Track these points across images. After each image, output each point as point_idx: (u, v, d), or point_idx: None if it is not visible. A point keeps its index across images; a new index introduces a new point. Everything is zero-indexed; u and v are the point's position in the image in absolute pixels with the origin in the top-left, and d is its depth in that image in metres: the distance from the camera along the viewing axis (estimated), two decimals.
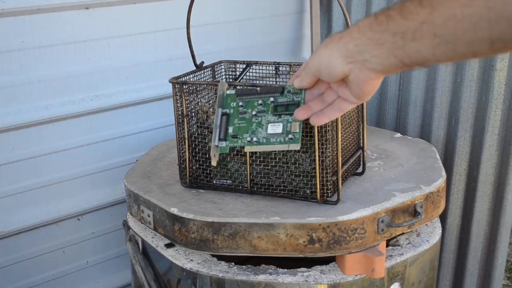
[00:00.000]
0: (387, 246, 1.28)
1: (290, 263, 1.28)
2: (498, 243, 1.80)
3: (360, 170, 1.37)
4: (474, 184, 1.78)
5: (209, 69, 1.42)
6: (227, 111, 1.02)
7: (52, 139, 1.60)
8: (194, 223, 1.19)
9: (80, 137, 1.65)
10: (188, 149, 1.29)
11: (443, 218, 1.80)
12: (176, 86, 1.27)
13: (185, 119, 1.27)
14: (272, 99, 1.00)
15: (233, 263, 1.24)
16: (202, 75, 1.39)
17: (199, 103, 1.30)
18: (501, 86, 1.67)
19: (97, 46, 1.62)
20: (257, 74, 1.48)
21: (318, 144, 1.16)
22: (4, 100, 1.51)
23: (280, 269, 1.21)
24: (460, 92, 1.74)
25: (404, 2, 0.73)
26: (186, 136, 1.28)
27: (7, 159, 1.54)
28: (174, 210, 1.22)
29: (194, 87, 1.28)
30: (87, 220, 1.73)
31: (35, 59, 1.53)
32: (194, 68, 1.38)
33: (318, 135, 1.16)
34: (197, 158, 1.29)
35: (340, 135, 1.19)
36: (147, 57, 1.73)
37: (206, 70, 1.41)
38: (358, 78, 0.82)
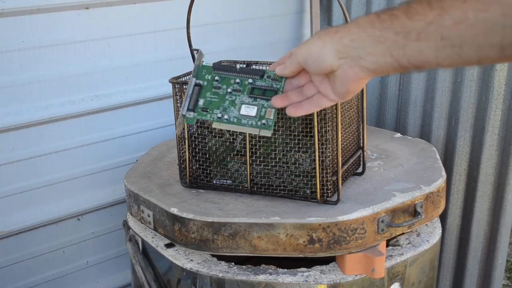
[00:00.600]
0: (387, 246, 1.28)
1: (290, 263, 1.28)
2: (498, 243, 1.80)
3: (360, 170, 1.37)
4: (474, 184, 1.78)
5: None
6: (201, 83, 1.01)
7: (52, 139, 1.60)
8: (194, 223, 1.19)
9: (80, 137, 1.65)
10: (188, 149, 1.29)
11: (443, 218, 1.80)
12: (176, 86, 1.27)
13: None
14: (250, 81, 0.98)
15: (233, 263, 1.24)
16: None
17: None
18: (501, 86, 1.67)
19: (97, 46, 1.62)
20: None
21: (318, 144, 1.16)
22: (4, 100, 1.50)
23: (280, 269, 1.21)
24: (460, 92, 1.74)
25: (410, 3, 0.72)
26: (186, 136, 1.28)
27: (7, 159, 1.54)
28: (174, 210, 1.22)
29: None
30: (87, 220, 1.73)
31: (35, 59, 1.53)
32: None
33: (318, 135, 1.16)
34: (197, 158, 1.29)
35: (340, 135, 1.19)
36: (147, 57, 1.73)
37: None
38: (345, 75, 0.81)
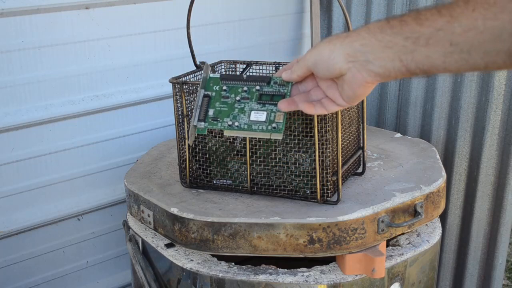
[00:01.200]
0: (387, 246, 1.28)
1: (290, 263, 1.28)
2: (498, 243, 1.80)
3: (360, 170, 1.37)
4: (474, 184, 1.78)
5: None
6: (209, 94, 1.03)
7: (52, 139, 1.60)
8: (194, 223, 1.19)
9: (80, 137, 1.65)
10: (188, 149, 1.29)
11: (443, 218, 1.80)
12: (176, 86, 1.27)
13: (185, 119, 1.27)
14: (257, 88, 1.01)
15: (233, 263, 1.24)
16: (202, 75, 1.39)
17: None
18: (501, 86, 1.67)
19: (97, 46, 1.62)
20: (257, 74, 1.48)
21: (318, 144, 1.16)
22: (4, 100, 1.51)
23: (280, 269, 1.21)
24: (460, 92, 1.74)
25: (420, 9, 0.74)
26: (186, 136, 1.28)
27: (7, 159, 1.54)
28: (174, 210, 1.22)
29: (194, 87, 1.28)
30: (87, 220, 1.73)
31: (35, 59, 1.53)
32: (194, 68, 1.38)
33: (318, 135, 1.16)
34: (197, 158, 1.29)
35: (340, 135, 1.19)
36: (147, 57, 1.73)
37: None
38: (354, 79, 0.82)
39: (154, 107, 1.77)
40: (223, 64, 1.48)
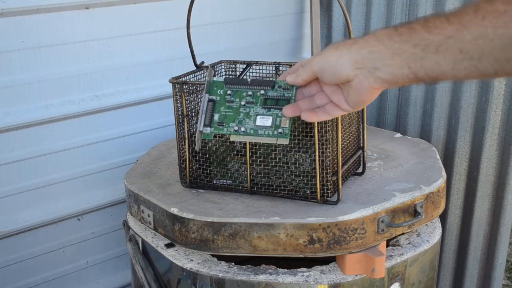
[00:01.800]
0: (387, 246, 1.28)
1: (290, 263, 1.28)
2: (498, 243, 1.80)
3: (360, 170, 1.37)
4: (474, 184, 1.78)
5: None
6: (214, 98, 1.03)
7: (52, 139, 1.60)
8: (194, 223, 1.19)
9: (80, 137, 1.65)
10: (188, 149, 1.29)
11: (443, 218, 1.80)
12: (176, 86, 1.27)
13: (185, 119, 1.27)
14: (262, 92, 1.01)
15: (233, 263, 1.24)
16: (202, 75, 1.39)
17: (199, 103, 1.30)
18: (501, 86, 1.67)
19: (97, 46, 1.62)
20: (257, 74, 1.48)
21: (318, 144, 1.16)
22: (4, 100, 1.50)
23: (280, 269, 1.21)
24: (460, 92, 1.74)
25: (428, 17, 0.75)
26: (186, 136, 1.28)
27: (7, 159, 1.54)
28: (174, 210, 1.22)
29: (194, 87, 1.28)
30: (87, 220, 1.73)
31: (35, 59, 1.53)
32: (194, 68, 1.38)
33: (318, 135, 1.16)
34: (197, 158, 1.29)
35: (340, 135, 1.19)
36: (147, 57, 1.73)
37: (206, 70, 1.41)
38: (361, 85, 0.83)
39: (154, 107, 1.77)
40: (223, 64, 1.48)
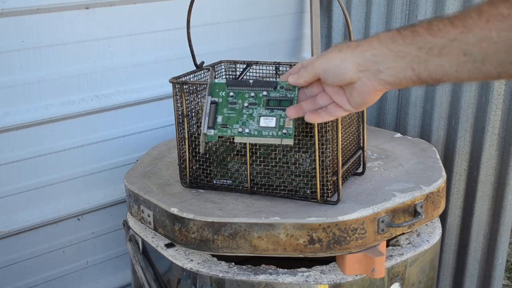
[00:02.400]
0: (387, 246, 1.28)
1: (290, 263, 1.28)
2: (498, 243, 1.80)
3: (360, 170, 1.37)
4: (474, 184, 1.78)
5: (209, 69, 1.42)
6: (216, 100, 1.03)
7: (52, 139, 1.60)
8: (194, 223, 1.19)
9: (80, 137, 1.65)
10: (188, 149, 1.29)
11: (443, 218, 1.80)
12: (176, 86, 1.27)
13: (185, 119, 1.27)
14: (265, 93, 1.01)
15: (233, 263, 1.24)
16: (202, 75, 1.39)
17: (199, 103, 1.30)
18: (501, 86, 1.67)
19: (97, 46, 1.62)
20: (257, 74, 1.48)
21: (318, 144, 1.16)
22: (4, 100, 1.50)
23: (280, 269, 1.21)
24: (460, 92, 1.74)
25: (431, 20, 0.75)
26: (186, 136, 1.28)
27: (7, 159, 1.54)
28: (174, 210, 1.22)
29: (194, 87, 1.28)
30: (87, 220, 1.72)
31: (35, 59, 1.52)
32: (194, 68, 1.38)
33: (318, 135, 1.16)
34: (197, 158, 1.29)
35: (340, 135, 1.19)
36: (147, 57, 1.73)
37: (206, 70, 1.41)
38: (364, 87, 0.83)
39: (154, 107, 1.77)
40: (223, 64, 1.48)
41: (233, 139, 1.04)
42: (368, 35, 1.91)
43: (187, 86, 1.27)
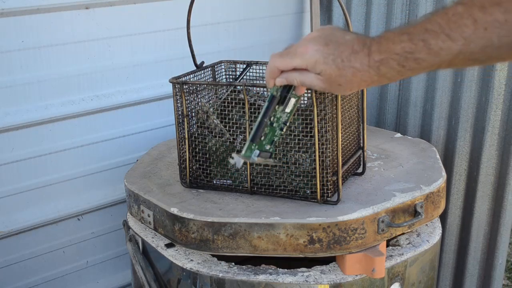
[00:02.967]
0: (387, 246, 1.28)
1: (290, 263, 1.28)
2: (498, 243, 1.80)
3: (360, 170, 1.37)
4: (474, 184, 1.78)
5: (209, 69, 1.42)
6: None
7: (52, 139, 1.60)
8: (194, 223, 1.19)
9: (80, 137, 1.65)
10: (188, 149, 1.29)
11: (443, 218, 1.80)
12: (176, 86, 1.27)
13: (185, 119, 1.27)
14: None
15: (233, 263, 1.24)
16: (202, 75, 1.39)
17: (199, 103, 1.30)
18: (501, 86, 1.67)
19: (97, 46, 1.62)
20: (257, 74, 1.48)
21: (318, 144, 1.16)
22: (4, 100, 1.50)
23: (280, 269, 1.21)
24: (460, 92, 1.74)
25: (426, 40, 0.74)
26: (186, 136, 1.28)
27: (7, 159, 1.54)
28: (174, 210, 1.22)
29: (194, 87, 1.28)
30: (87, 220, 1.73)
31: (35, 59, 1.53)
32: (194, 68, 1.38)
33: (318, 135, 1.16)
34: (197, 158, 1.29)
35: (340, 135, 1.19)
36: (147, 57, 1.73)
37: (206, 70, 1.41)
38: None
39: (154, 107, 1.77)
40: (223, 64, 1.48)
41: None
42: (368, 35, 1.91)
43: (187, 86, 1.27)
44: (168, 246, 1.29)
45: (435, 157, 1.47)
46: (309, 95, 1.14)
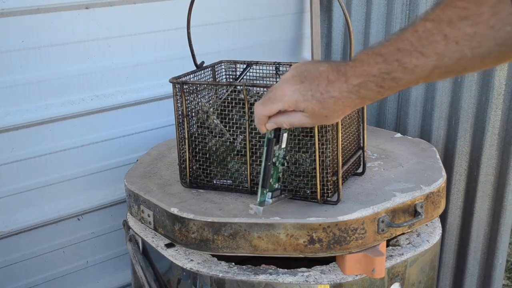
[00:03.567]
0: (387, 246, 1.28)
1: (290, 263, 1.28)
2: (498, 243, 1.80)
3: (360, 170, 1.37)
4: (474, 184, 1.78)
5: (209, 69, 1.42)
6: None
7: (52, 139, 1.60)
8: (194, 223, 1.19)
9: (80, 137, 1.65)
10: (188, 149, 1.29)
11: (443, 218, 1.80)
12: (177, 86, 1.27)
13: (185, 119, 1.27)
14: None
15: (233, 263, 1.24)
16: (202, 75, 1.39)
17: (199, 103, 1.30)
18: (501, 86, 1.67)
19: (97, 46, 1.62)
20: (257, 74, 1.48)
21: (318, 144, 1.16)
22: (4, 100, 1.50)
23: (280, 269, 1.21)
24: (460, 92, 1.74)
25: (400, 59, 0.75)
26: (186, 136, 1.28)
27: (7, 159, 1.54)
28: (174, 210, 1.22)
29: (195, 87, 1.28)
30: (87, 220, 1.73)
31: (35, 59, 1.52)
32: (194, 68, 1.38)
33: (318, 135, 1.16)
34: (197, 158, 1.29)
35: (340, 135, 1.19)
36: (147, 57, 1.73)
37: (206, 70, 1.41)
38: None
39: (154, 107, 1.77)
40: (223, 64, 1.48)
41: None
42: (368, 35, 1.91)
43: (187, 86, 1.27)
44: (168, 246, 1.29)
45: (435, 157, 1.47)
46: None
